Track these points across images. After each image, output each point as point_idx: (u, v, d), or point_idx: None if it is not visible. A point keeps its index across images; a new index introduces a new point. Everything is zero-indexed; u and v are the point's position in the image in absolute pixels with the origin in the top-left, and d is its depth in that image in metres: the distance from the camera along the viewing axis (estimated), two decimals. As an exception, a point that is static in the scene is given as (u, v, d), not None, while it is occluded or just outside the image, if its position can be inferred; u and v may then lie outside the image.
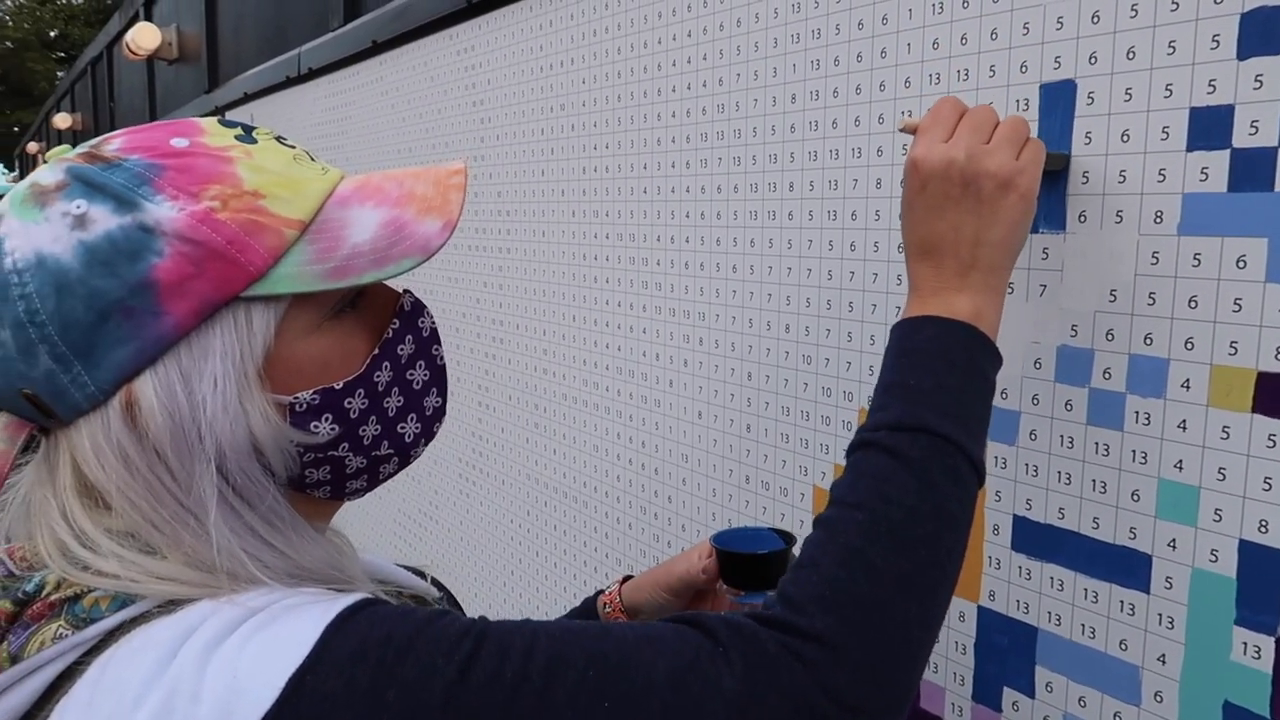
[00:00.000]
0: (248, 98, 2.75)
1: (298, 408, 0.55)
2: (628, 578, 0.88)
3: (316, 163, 0.59)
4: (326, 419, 0.56)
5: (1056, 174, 0.71)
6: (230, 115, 3.00)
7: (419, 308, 0.62)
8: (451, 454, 1.67)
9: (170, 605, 0.51)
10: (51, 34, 24.39)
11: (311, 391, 0.55)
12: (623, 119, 1.17)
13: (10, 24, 23.90)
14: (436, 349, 0.63)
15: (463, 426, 1.63)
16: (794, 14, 0.92)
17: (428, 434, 0.63)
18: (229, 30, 3.26)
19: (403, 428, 0.61)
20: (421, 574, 0.73)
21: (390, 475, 0.63)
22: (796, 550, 0.65)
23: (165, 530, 0.53)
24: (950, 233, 0.64)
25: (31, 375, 0.52)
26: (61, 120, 8.49)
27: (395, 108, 1.80)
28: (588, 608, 0.89)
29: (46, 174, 0.54)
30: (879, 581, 0.54)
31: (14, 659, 0.50)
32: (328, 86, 2.14)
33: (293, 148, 0.58)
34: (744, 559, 0.79)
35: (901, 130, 0.69)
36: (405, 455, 0.62)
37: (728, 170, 1.02)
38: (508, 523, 1.52)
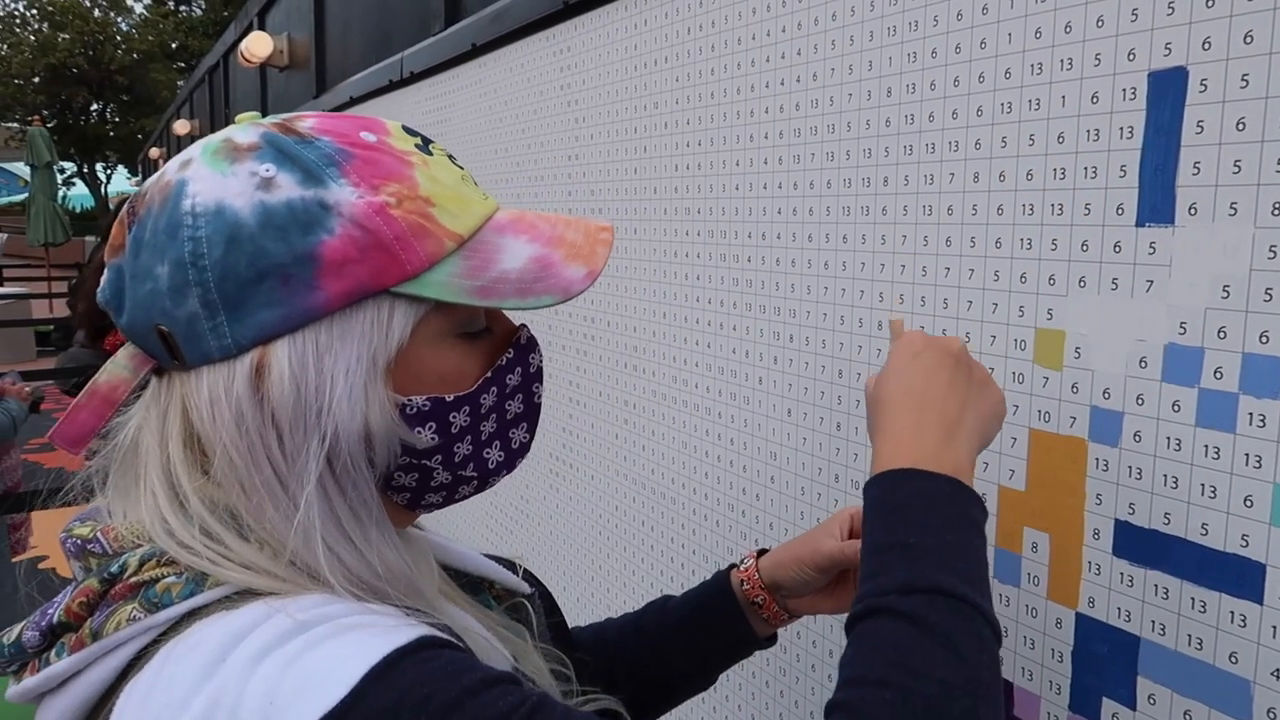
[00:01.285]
0: (353, 102, 2.84)
1: (408, 410, 0.57)
2: (762, 551, 0.86)
3: (479, 188, 0.62)
4: (430, 427, 0.58)
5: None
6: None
7: (533, 344, 0.65)
8: (543, 449, 1.69)
9: (234, 598, 0.52)
10: (173, 45, 25.67)
11: (425, 398, 0.57)
12: (715, 116, 1.17)
13: (136, 36, 25.24)
14: (537, 387, 0.65)
15: (554, 422, 1.65)
16: (890, 6, 0.91)
17: (509, 465, 0.64)
18: (336, 37, 3.38)
19: (489, 453, 0.62)
20: (512, 565, 0.74)
21: (466, 497, 0.64)
22: None
23: (253, 497, 0.54)
24: (942, 391, 0.64)
25: (175, 314, 0.54)
26: (180, 126, 8.92)
27: (493, 109, 1.84)
28: (719, 584, 0.86)
29: (241, 133, 0.56)
30: None
31: (95, 635, 0.52)
32: (429, 90, 2.20)
33: (461, 169, 0.61)
34: None
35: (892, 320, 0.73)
36: (485, 480, 0.63)
37: (820, 165, 1.01)
38: (596, 517, 1.53)
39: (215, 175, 0.54)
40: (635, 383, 1.39)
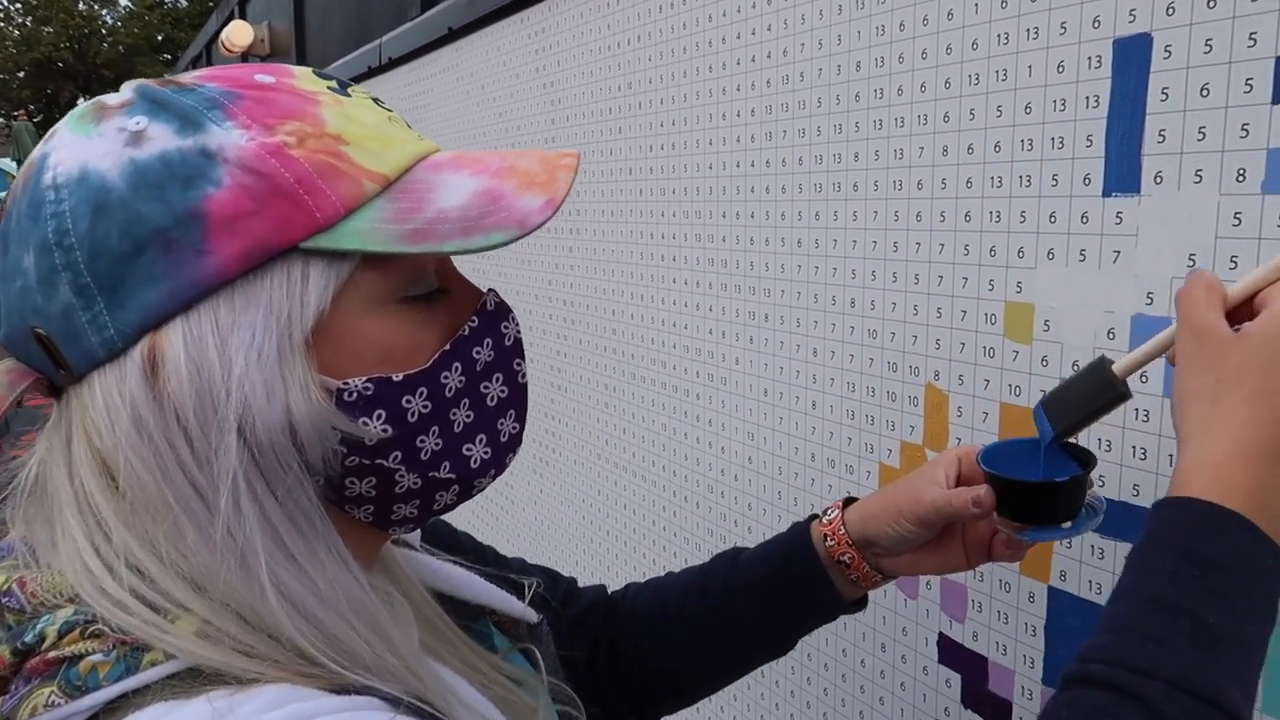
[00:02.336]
0: (333, 89, 2.82)
1: (347, 396, 0.47)
2: (849, 500, 0.74)
3: (413, 130, 0.52)
4: (379, 416, 0.48)
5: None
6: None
7: (504, 310, 0.54)
8: (526, 434, 1.68)
9: (177, 681, 0.43)
10: (159, 38, 25.50)
11: (365, 379, 0.47)
12: (688, 95, 1.16)
13: (122, 30, 25.07)
14: (519, 363, 0.54)
15: (537, 408, 1.64)
16: (858, -21, 0.90)
17: (497, 464, 0.54)
18: (316, 24, 3.35)
19: (469, 449, 0.52)
20: (522, 588, 0.66)
21: (445, 507, 0.53)
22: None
23: (167, 517, 0.45)
24: None
25: (48, 310, 0.45)
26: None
27: (470, 93, 1.82)
28: (798, 540, 0.74)
29: (114, 95, 0.48)
30: None
31: None
32: (407, 75, 2.18)
33: (389, 110, 0.52)
34: (1037, 490, 0.62)
35: None
36: (468, 484, 0.52)
37: (792, 143, 1.00)
38: (579, 502, 1.53)
39: (79, 139, 0.46)
40: (615, 365, 1.39)
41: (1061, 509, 0.63)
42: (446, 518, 0.58)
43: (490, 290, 0.54)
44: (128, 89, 0.48)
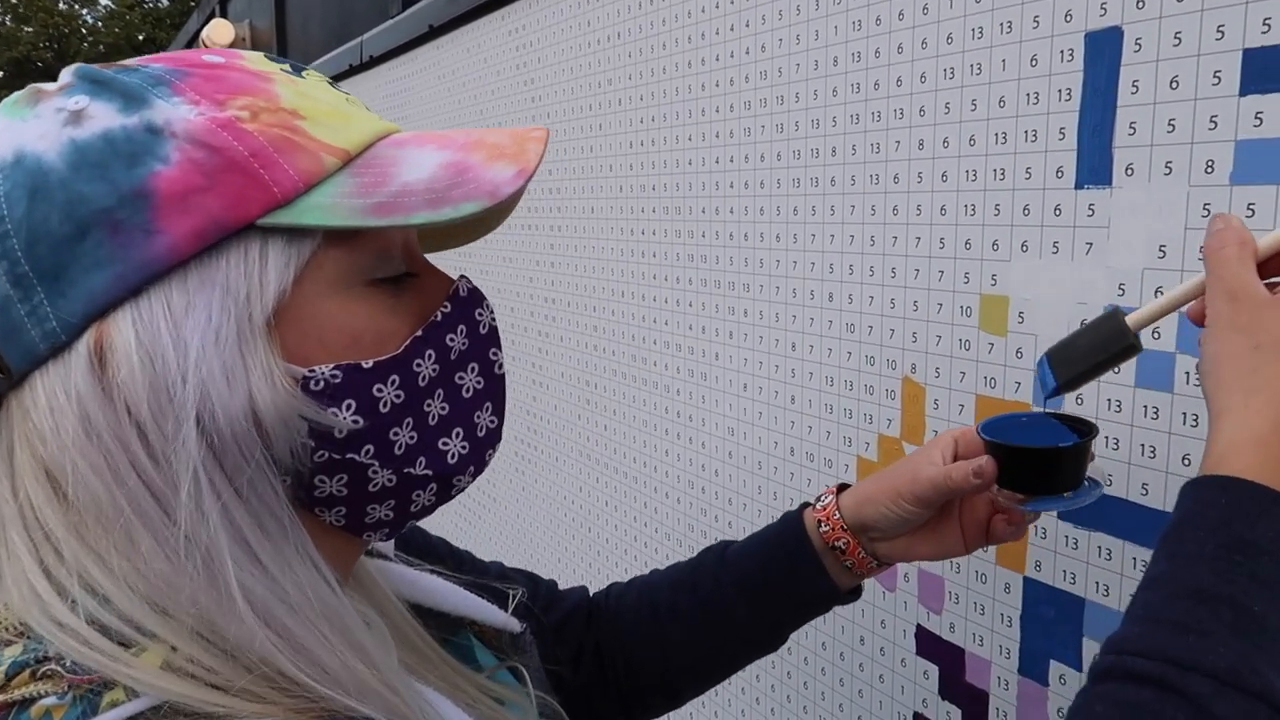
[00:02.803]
0: (315, 88, 2.81)
1: (313, 384, 0.44)
2: (843, 486, 0.72)
3: (372, 113, 0.50)
4: (349, 406, 0.45)
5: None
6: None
7: (478, 297, 0.51)
8: (508, 432, 1.67)
9: None
10: (140, 38, 25.32)
11: (333, 366, 0.44)
12: (667, 91, 1.16)
13: (102, 29, 24.87)
14: (495, 353, 0.52)
15: (518, 405, 1.64)
16: (835, -26, 0.90)
17: (476, 461, 0.51)
18: (297, 22, 3.34)
19: (446, 444, 0.49)
20: (505, 596, 0.64)
21: (424, 509, 0.51)
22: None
23: (116, 525, 0.41)
24: None
25: None
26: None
27: (451, 91, 1.82)
28: (791, 528, 0.72)
29: (53, 82, 0.46)
30: None
31: None
32: (388, 73, 2.17)
33: (347, 94, 0.50)
34: (1040, 455, 0.61)
35: None
36: (446, 482, 0.50)
37: (770, 138, 1.00)
38: (560, 499, 1.53)
39: (13, 123, 0.43)
40: (596, 362, 1.39)
41: (1064, 477, 0.61)
42: (424, 522, 0.56)
43: (462, 276, 0.52)
44: (66, 73, 0.46)
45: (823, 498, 0.72)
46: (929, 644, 0.87)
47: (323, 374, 0.44)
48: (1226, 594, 0.42)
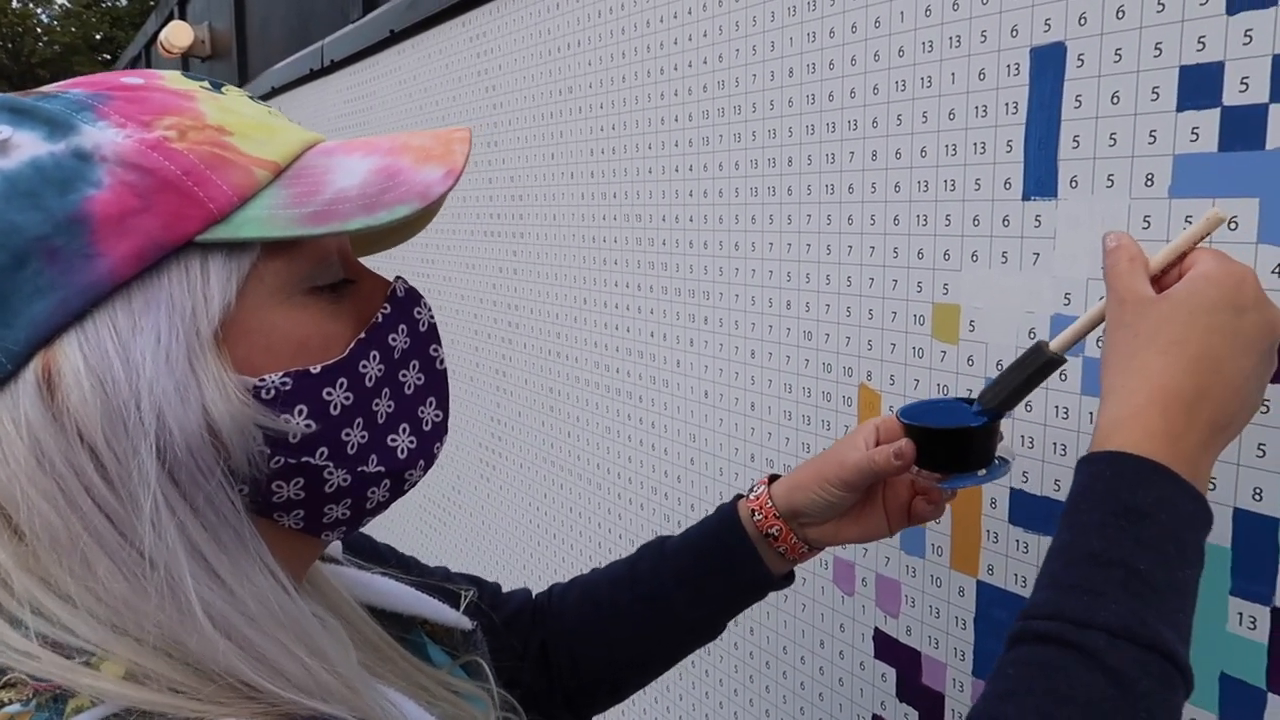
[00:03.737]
0: (275, 92, 2.78)
1: (265, 393, 0.45)
2: (774, 477, 0.75)
3: (295, 125, 0.50)
4: (300, 411, 0.46)
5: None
6: (260, 110, 3.04)
7: (415, 296, 0.53)
8: (472, 439, 1.68)
9: None
10: (97, 36, 24.90)
11: (282, 374, 0.45)
12: (627, 99, 1.17)
13: (58, 28, 24.43)
14: (436, 349, 0.53)
15: (483, 411, 1.64)
16: (790, -13, 0.91)
17: (425, 455, 0.52)
18: (257, 25, 3.30)
19: (394, 440, 0.50)
20: (456, 595, 0.66)
21: (379, 505, 0.52)
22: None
23: (73, 550, 0.41)
24: (1243, 382, 0.50)
25: None
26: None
27: (413, 96, 1.81)
28: (725, 519, 0.75)
29: None
30: None
31: None
32: (349, 78, 2.16)
33: (267, 106, 0.50)
34: (953, 435, 0.65)
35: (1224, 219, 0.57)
36: (399, 477, 0.51)
37: (729, 147, 1.01)
38: (525, 505, 1.53)
39: None
40: (558, 369, 1.39)
41: (976, 456, 0.65)
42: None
43: (398, 277, 0.53)
44: None
45: (755, 488, 0.75)
46: (887, 647, 0.88)
47: (273, 382, 0.45)
48: (1116, 557, 0.46)
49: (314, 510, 0.49)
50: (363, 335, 0.49)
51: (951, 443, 0.65)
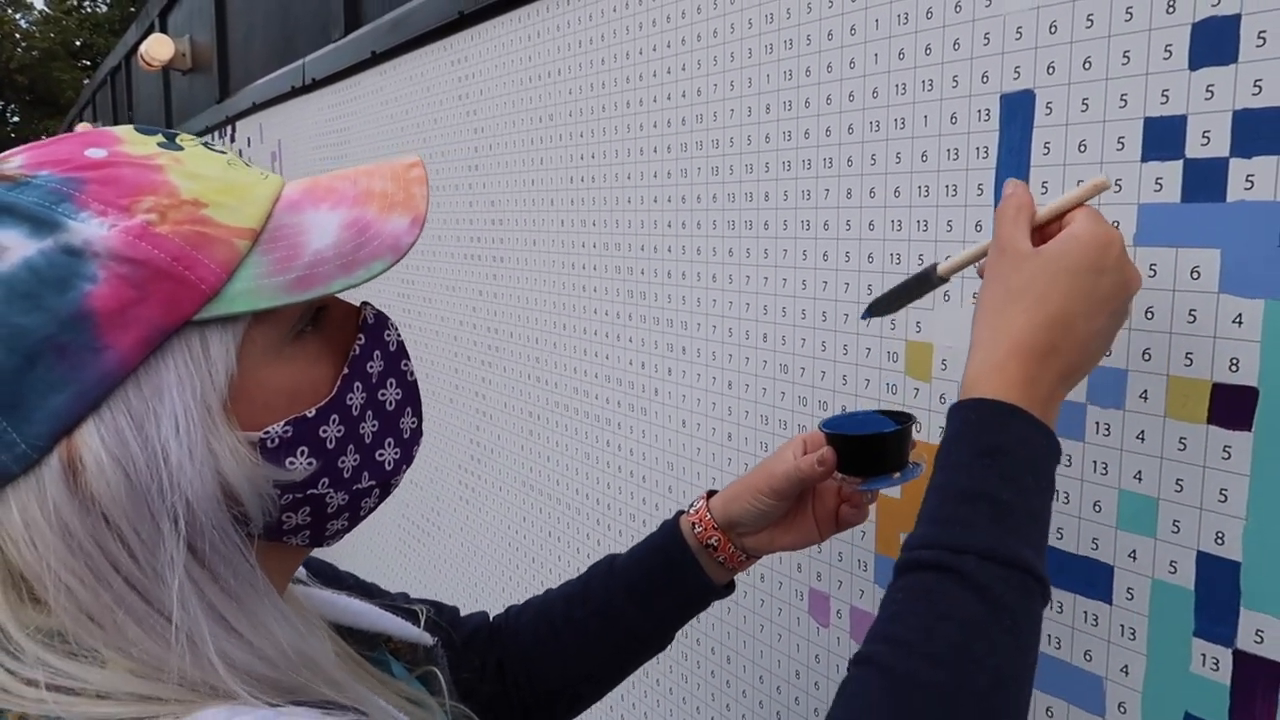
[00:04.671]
0: (256, 107, 2.78)
1: (269, 444, 0.48)
2: (712, 492, 0.80)
3: (253, 167, 0.53)
4: (302, 453, 0.50)
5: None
6: (240, 125, 3.04)
7: (383, 320, 0.57)
8: (452, 461, 1.68)
9: None
10: (77, 43, 24.73)
11: (283, 424, 0.49)
12: (607, 129, 1.18)
13: (37, 34, 24.24)
14: (406, 364, 0.57)
15: (463, 434, 1.64)
16: (768, 24, 0.92)
17: (406, 459, 0.57)
18: (239, 41, 3.30)
19: (381, 454, 0.55)
20: (416, 614, 0.69)
21: (370, 510, 0.57)
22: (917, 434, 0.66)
23: (106, 623, 0.44)
24: (1083, 339, 0.56)
25: None
26: (83, 129, 8.59)
27: (394, 118, 1.82)
28: (668, 533, 0.79)
29: None
30: None
31: None
32: (331, 97, 2.16)
33: (223, 153, 0.53)
34: (869, 441, 0.72)
35: (1106, 188, 0.60)
36: (386, 484, 0.56)
37: (706, 180, 1.02)
38: (505, 529, 1.53)
39: None
40: (538, 394, 1.39)
41: (890, 460, 0.72)
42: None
43: (365, 304, 0.57)
44: None
45: (695, 503, 0.81)
46: (861, 678, 0.89)
47: (276, 433, 0.49)
48: (982, 490, 0.53)
49: (318, 529, 0.54)
50: (345, 371, 0.53)
51: (868, 448, 0.72)
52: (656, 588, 0.79)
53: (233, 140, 3.13)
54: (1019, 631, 0.50)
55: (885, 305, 0.70)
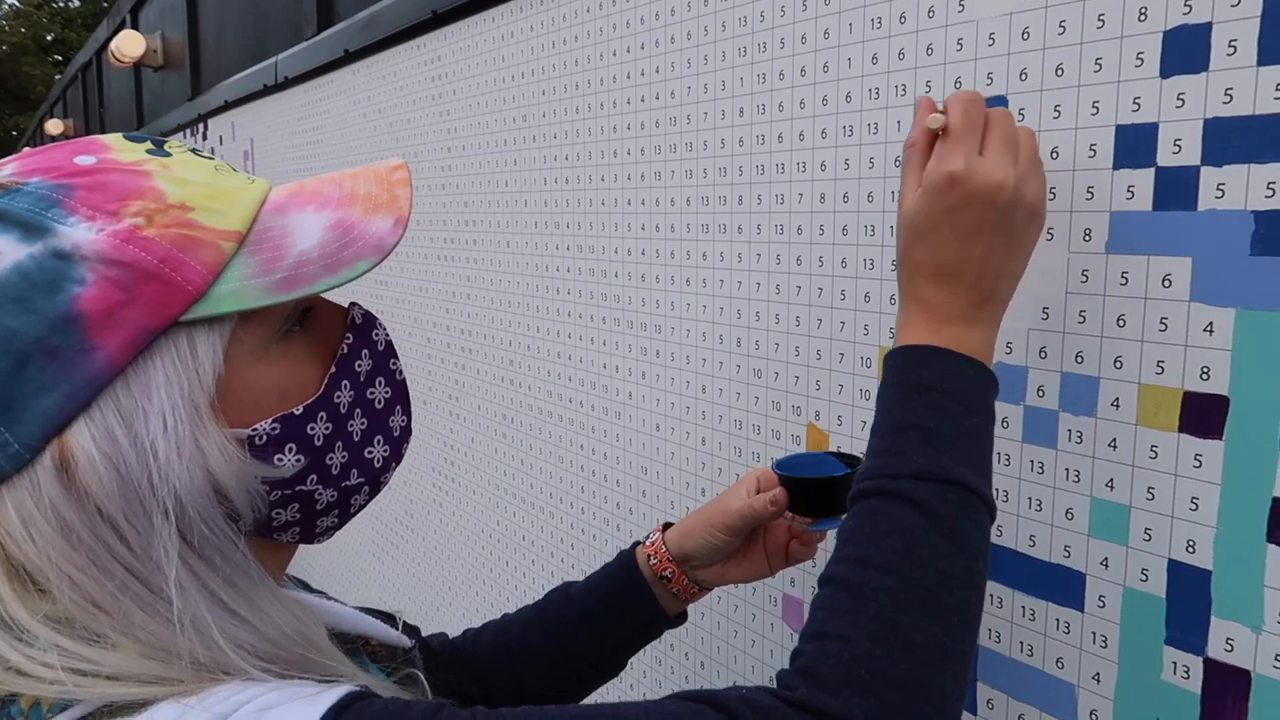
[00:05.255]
0: (228, 105, 2.74)
1: (258, 441, 0.50)
2: (667, 525, 0.83)
3: (240, 173, 0.54)
4: (290, 449, 0.51)
5: None
6: (212, 124, 3.01)
7: (370, 320, 0.58)
8: (425, 464, 1.66)
9: (128, 708, 0.45)
10: (48, 38, 24.40)
11: (271, 421, 0.50)
12: (580, 131, 1.17)
13: (7, 28, 23.90)
14: (394, 363, 0.59)
15: (436, 436, 1.63)
16: (741, 26, 0.92)
17: (396, 456, 0.58)
18: (211, 38, 3.26)
19: (370, 452, 0.56)
20: (392, 619, 0.70)
21: (360, 507, 0.58)
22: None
23: (112, 610, 0.46)
24: (979, 261, 0.59)
25: None
26: (54, 126, 8.48)
27: (367, 117, 1.80)
28: (624, 563, 0.82)
29: None
30: (917, 659, 0.50)
31: None
32: (304, 95, 2.14)
33: (211, 159, 0.54)
34: (819, 484, 0.74)
35: (932, 127, 0.61)
36: (376, 482, 0.57)
37: (680, 183, 1.02)
38: (479, 532, 1.51)
39: None
40: (512, 397, 1.38)
41: (840, 502, 0.73)
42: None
43: (353, 304, 0.58)
44: None
45: (651, 535, 0.83)
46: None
47: (264, 430, 0.50)
48: (913, 421, 0.57)
49: (308, 525, 0.55)
50: (333, 369, 0.54)
51: (818, 491, 0.75)
52: (611, 616, 0.81)
53: (204, 138, 3.09)
54: (959, 536, 0.54)
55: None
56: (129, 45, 3.68)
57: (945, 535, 0.53)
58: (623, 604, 0.81)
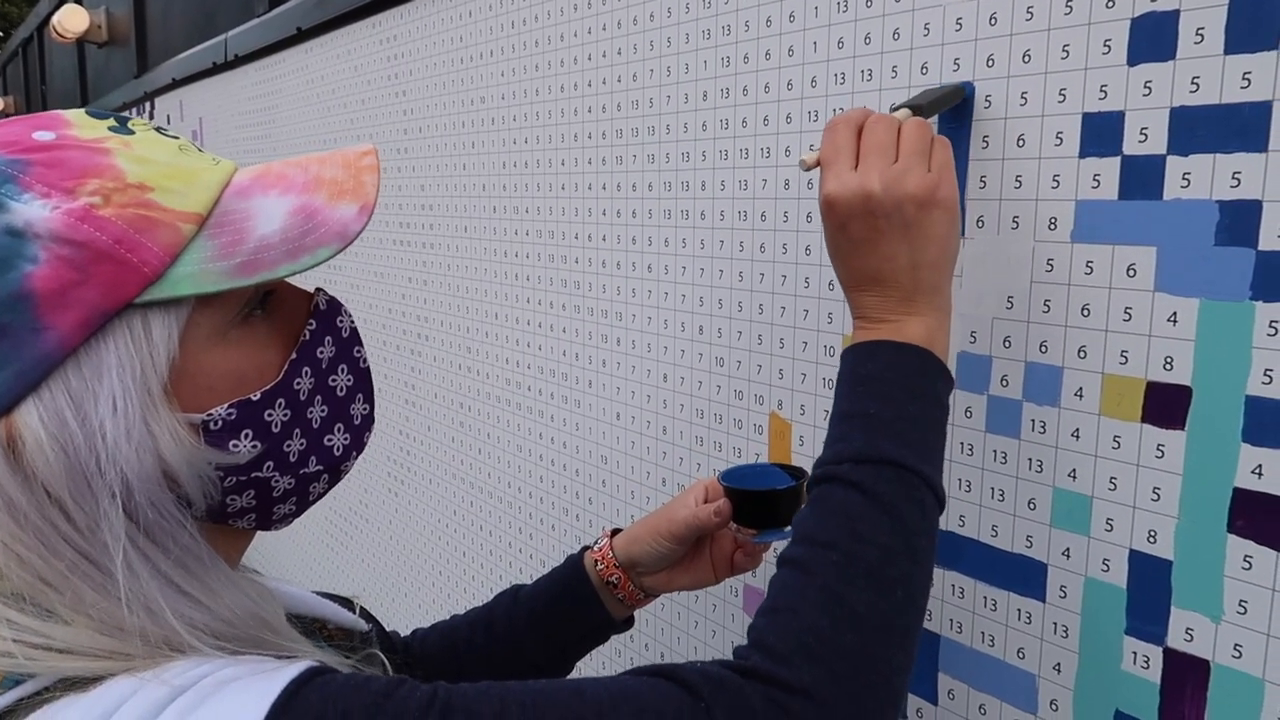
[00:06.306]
0: (176, 84, 2.67)
1: (212, 426, 0.49)
2: (616, 531, 0.84)
3: (205, 153, 0.53)
4: (246, 435, 0.50)
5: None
6: (159, 102, 2.92)
7: (335, 306, 0.57)
8: (380, 452, 1.63)
9: (82, 682, 0.45)
10: (-12, 12, 23.62)
11: (227, 406, 0.50)
12: (540, 113, 1.15)
13: (-56, 1, 23.09)
14: (359, 350, 0.58)
15: (390, 425, 1.60)
16: (705, 9, 0.90)
17: (358, 445, 0.58)
18: (158, 13, 3.16)
19: (330, 440, 0.55)
20: (349, 603, 0.69)
21: (320, 495, 0.58)
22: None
23: (62, 588, 0.46)
24: (885, 264, 0.61)
25: None
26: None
27: (321, 97, 1.75)
28: (573, 568, 0.83)
29: None
30: (862, 630, 0.52)
31: None
32: (255, 74, 2.08)
33: (176, 138, 0.53)
34: (762, 496, 0.76)
35: (804, 169, 0.65)
36: (335, 470, 0.57)
37: (642, 168, 1.00)
38: (435, 521, 1.49)
39: None
40: (469, 384, 1.36)
41: (783, 514, 0.76)
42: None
43: (318, 289, 0.57)
44: None
45: (599, 540, 0.84)
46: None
47: (219, 415, 0.50)
48: (856, 410, 0.59)
49: (265, 512, 0.54)
50: (294, 356, 0.53)
51: (762, 503, 0.76)
52: (558, 619, 0.82)
53: (151, 117, 3.01)
54: (897, 512, 0.55)
55: (924, 109, 0.67)
56: (72, 20, 3.56)
57: (884, 511, 0.55)
58: (570, 609, 0.82)
